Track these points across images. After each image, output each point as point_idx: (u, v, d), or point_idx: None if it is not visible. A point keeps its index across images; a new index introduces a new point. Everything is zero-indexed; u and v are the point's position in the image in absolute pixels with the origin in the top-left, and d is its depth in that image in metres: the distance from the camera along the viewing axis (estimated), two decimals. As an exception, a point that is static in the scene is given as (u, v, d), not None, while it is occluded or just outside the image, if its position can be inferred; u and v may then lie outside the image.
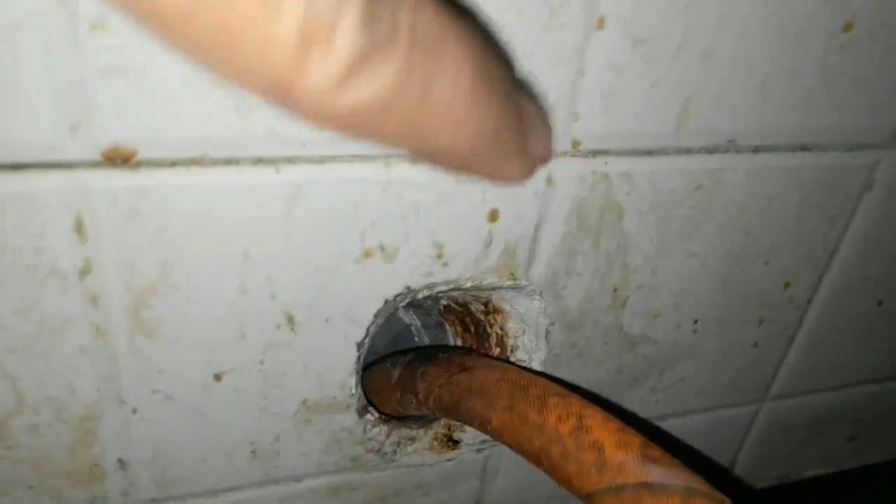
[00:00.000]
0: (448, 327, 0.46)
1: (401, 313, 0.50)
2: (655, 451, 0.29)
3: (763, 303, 0.45)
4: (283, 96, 0.16)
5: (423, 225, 0.34)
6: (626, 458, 0.29)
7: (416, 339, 0.51)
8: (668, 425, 0.49)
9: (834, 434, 0.59)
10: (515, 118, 0.23)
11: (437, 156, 0.21)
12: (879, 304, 0.50)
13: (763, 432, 0.54)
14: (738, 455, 0.55)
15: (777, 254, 0.43)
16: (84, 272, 0.29)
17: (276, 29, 0.14)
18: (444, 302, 0.44)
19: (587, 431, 0.30)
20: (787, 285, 0.45)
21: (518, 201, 0.35)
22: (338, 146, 0.30)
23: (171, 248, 0.30)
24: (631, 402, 0.46)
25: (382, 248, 0.33)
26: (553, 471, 0.31)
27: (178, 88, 0.26)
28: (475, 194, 0.34)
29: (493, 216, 0.35)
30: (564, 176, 0.35)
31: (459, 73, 0.18)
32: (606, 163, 0.35)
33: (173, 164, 0.28)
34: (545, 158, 0.26)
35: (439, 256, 0.35)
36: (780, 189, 0.40)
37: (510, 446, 0.33)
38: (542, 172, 0.34)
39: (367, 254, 0.33)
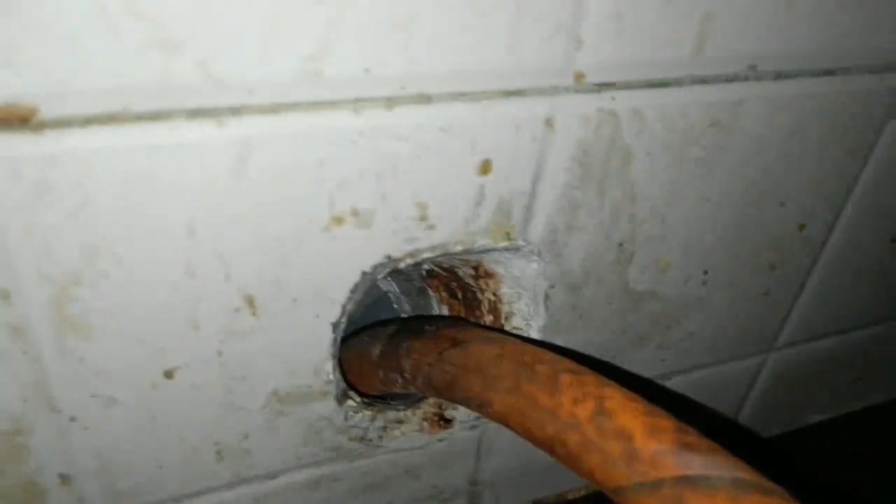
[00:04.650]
0: (432, 293, 0.41)
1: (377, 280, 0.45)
2: (692, 437, 0.25)
3: (777, 248, 0.41)
4: None
5: (404, 183, 0.28)
6: (659, 448, 0.24)
7: (396, 306, 0.46)
8: (673, 383, 0.46)
9: (839, 378, 0.56)
10: None
11: None
12: (893, 240, 0.47)
13: (769, 382, 0.51)
14: (743, 406, 0.52)
15: (794, 194, 0.39)
16: (-16, 263, 0.23)
17: None
18: (426, 266, 0.39)
19: (610, 415, 0.26)
20: (802, 227, 0.41)
21: (513, 149, 0.29)
22: (293, 91, 0.24)
23: (94, 227, 0.24)
24: (635, 363, 0.42)
25: (356, 213, 0.28)
26: (571, 461, 0.26)
27: (80, 23, 0.20)
28: (463, 143, 0.28)
29: (485, 168, 0.29)
30: (566, 116, 0.29)
31: None
32: (614, 98, 0.30)
33: (86, 122, 0.22)
34: None
35: (423, 218, 0.30)
36: (802, 121, 0.36)
37: (517, 432, 0.29)
38: (540, 113, 0.29)
39: (338, 220, 0.28)
